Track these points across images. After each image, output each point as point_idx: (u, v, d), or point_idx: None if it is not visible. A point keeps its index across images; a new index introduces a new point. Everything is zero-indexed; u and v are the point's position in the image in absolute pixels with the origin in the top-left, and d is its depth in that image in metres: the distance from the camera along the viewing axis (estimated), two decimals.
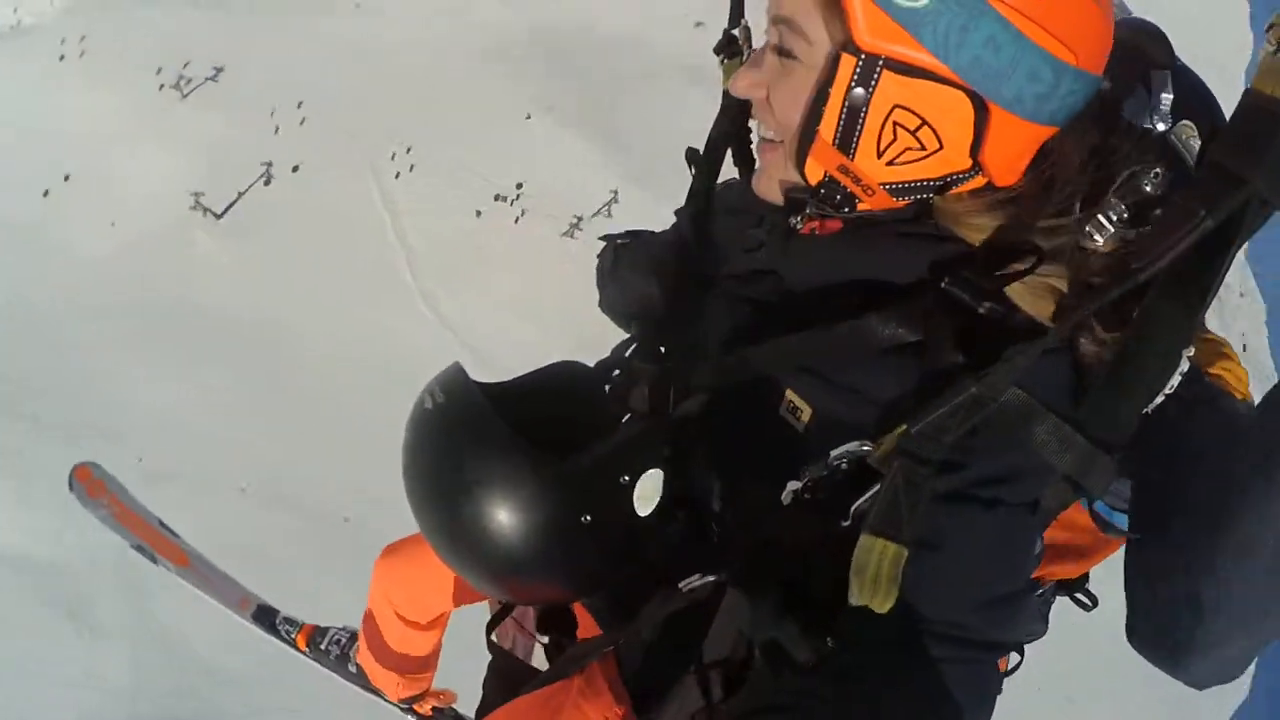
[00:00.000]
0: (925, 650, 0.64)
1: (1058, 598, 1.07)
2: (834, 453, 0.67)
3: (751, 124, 0.86)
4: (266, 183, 3.69)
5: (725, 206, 0.93)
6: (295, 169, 3.72)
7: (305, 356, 3.38)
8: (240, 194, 3.62)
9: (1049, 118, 0.63)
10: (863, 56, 0.60)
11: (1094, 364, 0.67)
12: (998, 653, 0.69)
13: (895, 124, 0.62)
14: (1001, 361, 0.60)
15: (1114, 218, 0.62)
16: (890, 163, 0.64)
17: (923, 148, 0.63)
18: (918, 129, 0.62)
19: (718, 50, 0.88)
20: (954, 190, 0.67)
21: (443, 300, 3.82)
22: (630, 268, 1.08)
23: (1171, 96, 0.70)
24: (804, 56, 0.64)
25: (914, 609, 0.64)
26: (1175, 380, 0.67)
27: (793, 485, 0.69)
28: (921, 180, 0.65)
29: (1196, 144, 0.69)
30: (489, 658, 1.08)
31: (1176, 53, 0.76)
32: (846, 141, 0.64)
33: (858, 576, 0.62)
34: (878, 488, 0.63)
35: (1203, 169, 0.60)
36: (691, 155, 0.97)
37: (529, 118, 4.17)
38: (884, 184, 0.66)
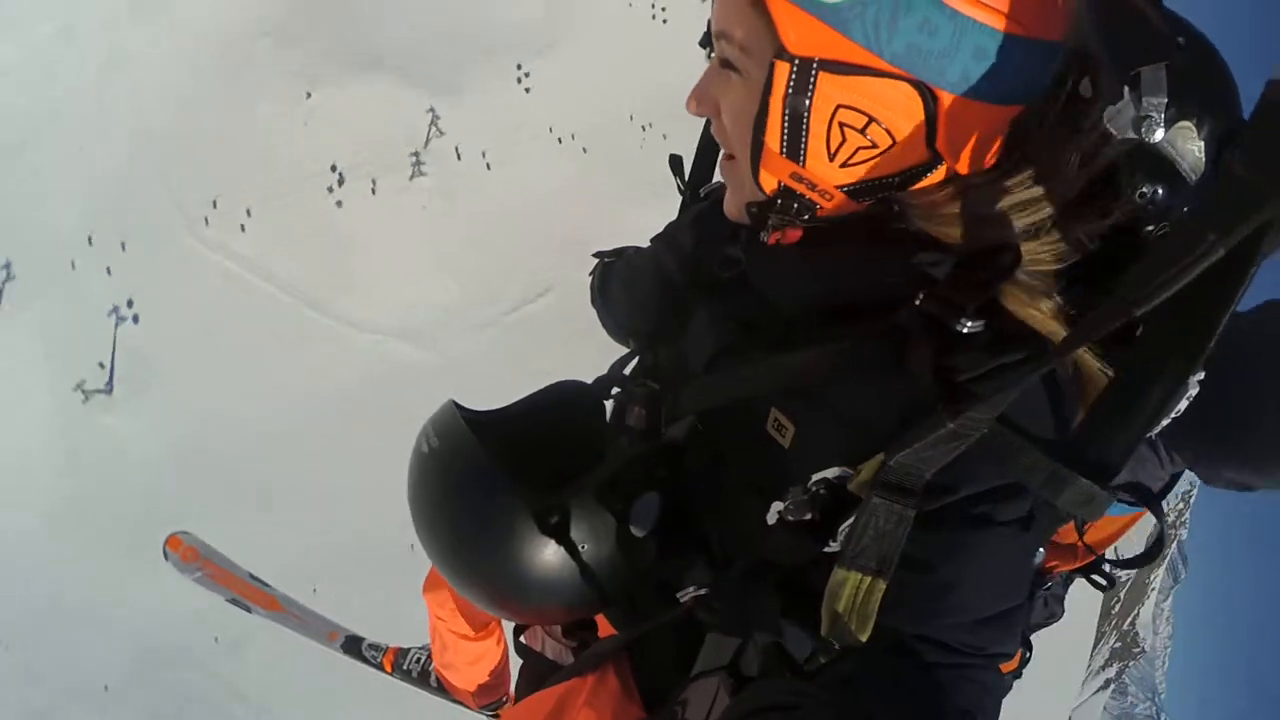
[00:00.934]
0: (922, 658, 0.63)
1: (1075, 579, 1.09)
2: (814, 477, 0.67)
3: None
4: None
5: (704, 222, 0.92)
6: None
7: None
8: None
9: (1007, 95, 0.58)
10: (796, 61, 0.57)
11: (1087, 390, 0.63)
12: (998, 660, 0.67)
13: (841, 124, 0.59)
14: (980, 400, 0.57)
15: (1089, 235, 0.59)
16: (844, 165, 0.62)
17: (874, 145, 0.60)
18: (865, 127, 0.59)
19: (703, 43, 0.81)
20: (920, 184, 0.63)
21: (375, 304, 3.82)
22: (620, 285, 1.09)
23: (1164, 99, 0.57)
24: (744, 68, 0.63)
25: (907, 629, 0.63)
26: (1182, 406, 0.62)
27: (776, 507, 0.69)
28: (879, 178, 0.63)
29: (1195, 147, 0.61)
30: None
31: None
32: (794, 149, 0.62)
33: (829, 613, 0.62)
34: (856, 516, 0.62)
35: (1216, 182, 0.52)
36: (675, 163, 0.97)
37: (309, 95, 3.94)
38: (840, 186, 0.63)
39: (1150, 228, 0.62)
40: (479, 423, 0.88)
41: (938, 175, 0.63)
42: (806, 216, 0.67)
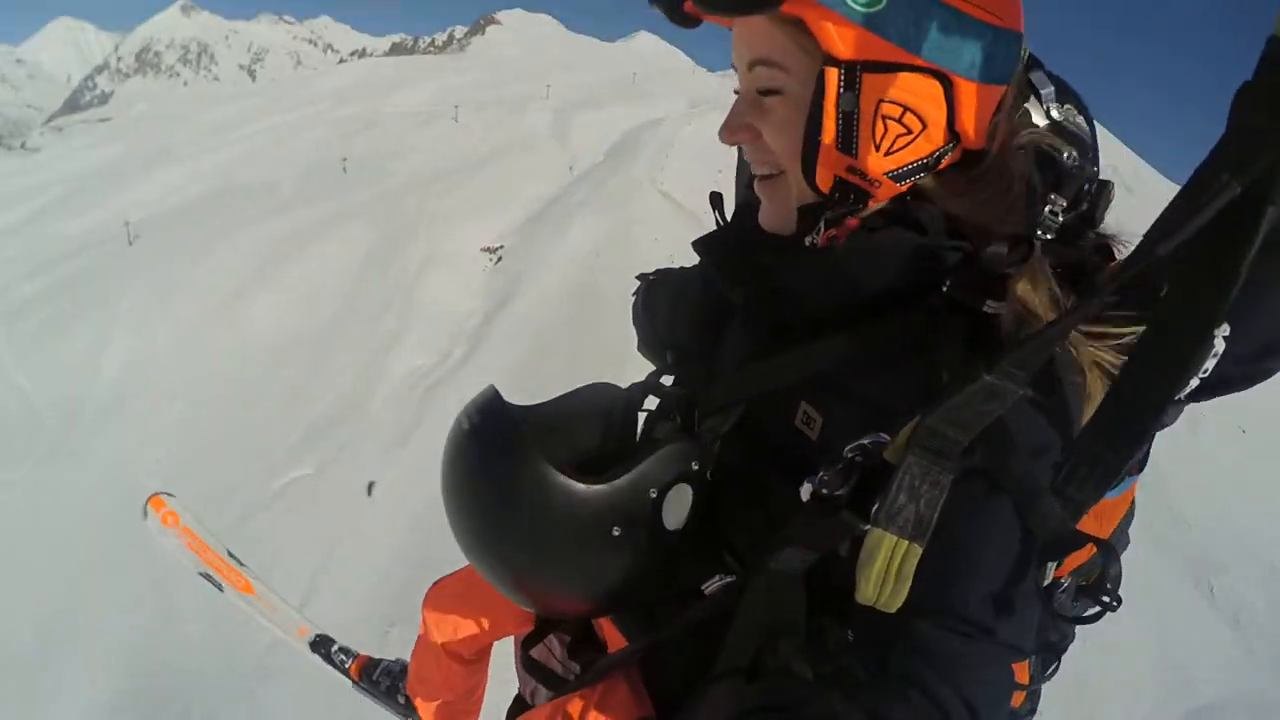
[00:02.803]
0: (932, 645, 0.64)
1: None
2: (849, 445, 0.68)
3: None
4: None
5: (736, 238, 0.94)
6: None
7: None
8: None
9: (998, 76, 0.70)
10: (843, 66, 0.67)
11: (1107, 362, 0.69)
12: (1008, 654, 0.67)
13: (884, 117, 0.68)
14: (1015, 348, 0.61)
15: (1058, 207, 0.70)
16: (888, 153, 0.69)
17: (909, 131, 0.69)
18: (902, 115, 0.68)
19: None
20: (943, 165, 0.72)
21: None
22: (665, 299, 1.13)
23: (1053, 88, 0.80)
24: (787, 87, 0.72)
25: (921, 599, 0.64)
26: (1210, 364, 0.64)
27: (810, 482, 0.70)
28: (915, 161, 0.71)
29: (1082, 120, 0.80)
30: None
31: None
32: (848, 143, 0.69)
33: (864, 572, 0.63)
34: (892, 482, 0.63)
35: (1227, 131, 0.56)
36: (715, 199, 1.00)
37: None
38: (887, 173, 0.70)
39: (1087, 190, 0.77)
40: (518, 407, 0.89)
41: (954, 156, 0.72)
42: (860, 207, 0.73)
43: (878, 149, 0.69)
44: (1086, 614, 0.68)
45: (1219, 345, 0.63)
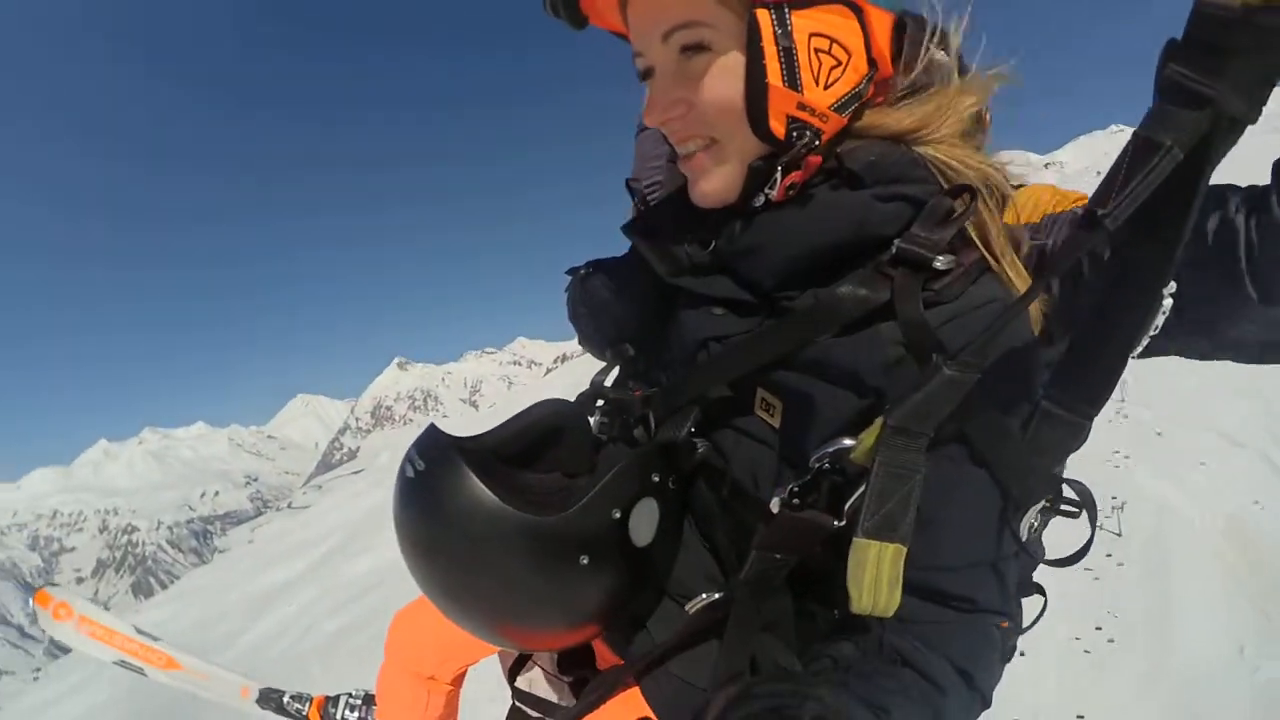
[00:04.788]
0: (921, 622, 0.65)
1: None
2: (815, 456, 0.67)
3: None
4: None
5: (668, 217, 0.89)
6: None
7: None
8: None
9: (894, 4, 0.72)
10: (772, 6, 0.66)
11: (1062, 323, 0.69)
12: (993, 618, 0.69)
13: (816, 50, 0.68)
14: (972, 344, 0.61)
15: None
16: (827, 85, 0.69)
17: (839, 62, 0.69)
18: (831, 47, 0.69)
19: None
20: (869, 92, 0.72)
21: None
22: (608, 290, 1.07)
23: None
24: (715, 41, 0.70)
25: (905, 578, 0.64)
26: (1160, 321, 0.67)
27: (779, 494, 0.70)
28: (850, 92, 0.71)
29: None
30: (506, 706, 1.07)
31: None
32: (793, 79, 0.68)
33: (856, 585, 0.62)
34: (865, 486, 0.62)
35: (1160, 90, 0.57)
36: (631, 186, 0.96)
37: None
38: (831, 105, 0.70)
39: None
40: (463, 443, 0.83)
41: (873, 88, 0.72)
42: (816, 143, 0.71)
43: (817, 82, 0.68)
44: (1070, 555, 0.75)
45: (1167, 302, 0.65)
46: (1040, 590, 0.91)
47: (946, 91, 0.73)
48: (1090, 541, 0.87)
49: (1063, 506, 0.77)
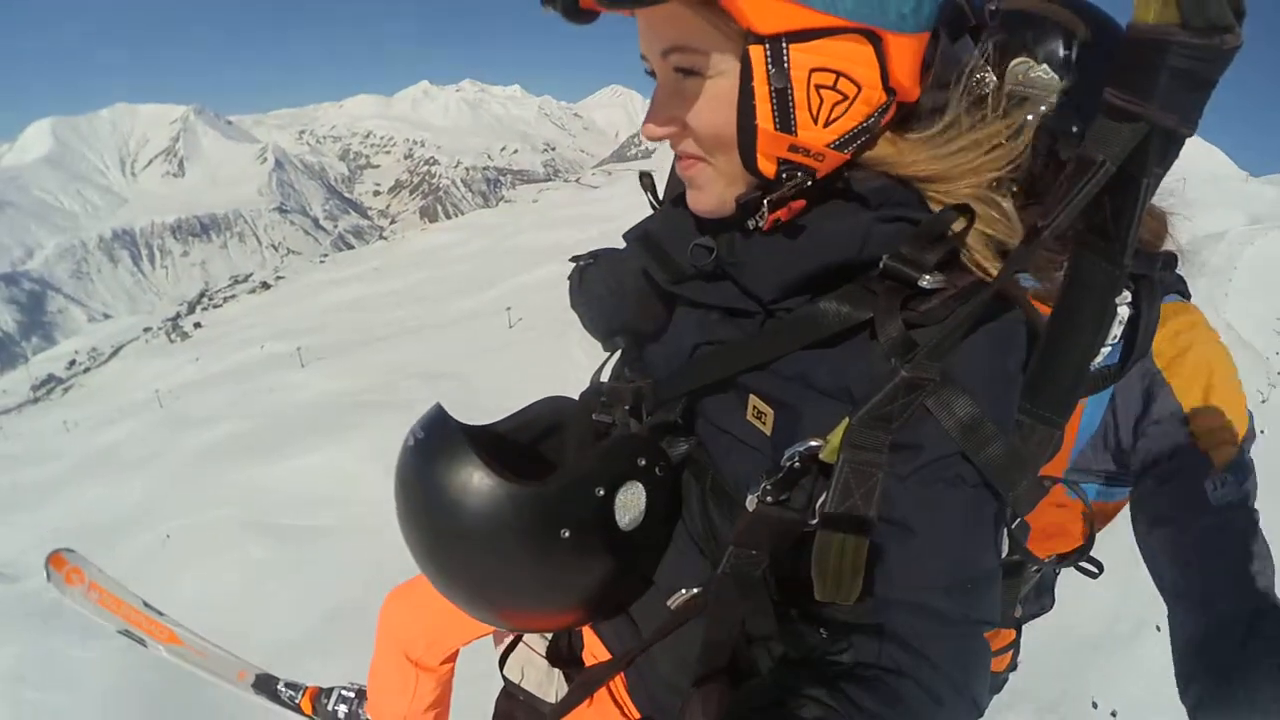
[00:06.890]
0: (911, 634, 0.65)
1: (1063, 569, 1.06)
2: (786, 453, 0.68)
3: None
4: None
5: (670, 223, 0.88)
6: None
7: None
8: None
9: (926, 24, 0.65)
10: (768, 41, 0.61)
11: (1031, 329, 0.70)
12: (982, 627, 0.68)
13: (817, 87, 0.63)
14: (926, 346, 0.63)
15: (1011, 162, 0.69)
16: (827, 123, 0.65)
17: (845, 98, 0.64)
18: (836, 82, 0.63)
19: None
20: (881, 123, 0.68)
21: None
22: (603, 284, 1.10)
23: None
24: (706, 69, 0.65)
25: (885, 592, 0.66)
26: (1116, 331, 0.70)
27: (753, 492, 0.70)
28: (856, 127, 0.66)
29: (1041, 70, 0.74)
30: (496, 693, 1.05)
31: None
32: (785, 122, 0.64)
33: (819, 575, 0.65)
34: (831, 482, 0.64)
35: (1100, 110, 0.61)
36: (645, 179, 0.96)
37: None
38: (829, 144, 0.66)
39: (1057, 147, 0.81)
40: (470, 426, 0.87)
41: (891, 113, 0.68)
42: (809, 183, 0.69)
43: (816, 121, 0.64)
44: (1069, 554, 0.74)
45: (1122, 312, 0.69)
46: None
47: (979, 132, 0.68)
48: (1091, 540, 0.91)
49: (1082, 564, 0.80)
